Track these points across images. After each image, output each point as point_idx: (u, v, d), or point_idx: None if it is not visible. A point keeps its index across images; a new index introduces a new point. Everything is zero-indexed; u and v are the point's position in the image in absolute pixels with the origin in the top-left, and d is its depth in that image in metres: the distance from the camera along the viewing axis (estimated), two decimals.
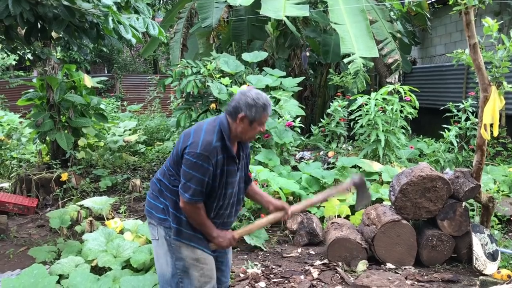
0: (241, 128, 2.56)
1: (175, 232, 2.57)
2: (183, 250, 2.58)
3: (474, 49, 3.90)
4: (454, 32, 10.64)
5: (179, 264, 2.59)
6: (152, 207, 2.68)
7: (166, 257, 2.62)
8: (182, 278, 2.59)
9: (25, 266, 4.20)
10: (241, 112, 2.52)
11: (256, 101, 2.53)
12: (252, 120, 2.54)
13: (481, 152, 4.21)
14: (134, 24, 4.60)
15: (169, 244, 2.60)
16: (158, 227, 2.63)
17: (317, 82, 10.19)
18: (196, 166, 2.44)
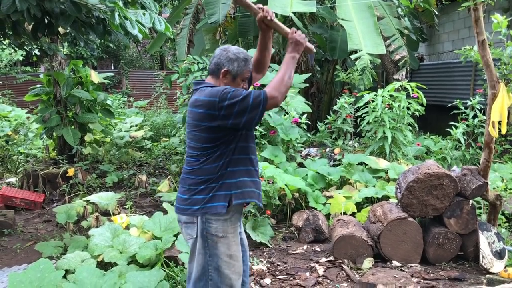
0: (224, 84, 2.57)
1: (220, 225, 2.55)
2: (219, 246, 2.59)
3: (483, 45, 3.87)
4: (462, 29, 10.56)
5: (212, 261, 2.59)
6: (190, 203, 2.60)
7: (199, 255, 2.62)
8: (212, 275, 2.60)
9: (31, 260, 4.23)
10: (224, 67, 2.55)
11: (237, 55, 2.57)
12: (235, 74, 2.57)
13: (489, 150, 4.17)
14: (141, 20, 4.59)
15: (205, 239, 2.58)
16: (198, 223, 2.59)
17: (323, 78, 10.15)
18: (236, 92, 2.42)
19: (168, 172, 7.64)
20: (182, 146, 8.79)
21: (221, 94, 2.41)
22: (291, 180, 5.28)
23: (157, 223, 4.26)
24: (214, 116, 2.46)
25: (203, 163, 2.57)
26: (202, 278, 2.62)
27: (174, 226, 4.19)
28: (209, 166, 2.56)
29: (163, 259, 3.89)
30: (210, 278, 2.60)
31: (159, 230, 4.18)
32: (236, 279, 2.65)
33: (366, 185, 5.70)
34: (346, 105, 7.17)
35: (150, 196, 6.64)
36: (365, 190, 5.43)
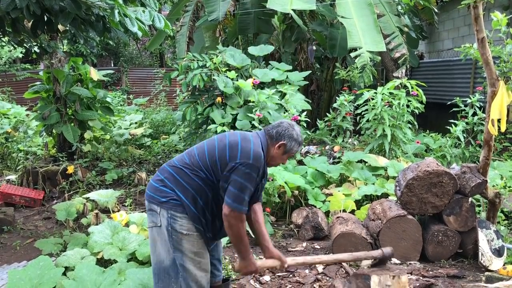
0: (274, 153, 2.76)
1: (190, 219, 2.60)
2: (184, 243, 2.61)
3: (483, 43, 3.87)
4: (462, 27, 10.55)
5: (178, 256, 2.61)
6: (159, 194, 2.66)
7: (166, 245, 2.63)
8: (179, 270, 2.63)
9: (31, 258, 4.24)
10: (283, 140, 2.74)
11: (298, 138, 2.78)
12: (286, 151, 2.77)
13: (488, 148, 4.18)
14: (140, 17, 4.59)
15: (170, 235, 2.61)
16: (161, 216, 2.62)
17: (323, 76, 10.14)
18: (249, 177, 2.55)
19: None
20: (182, 143, 8.80)
21: (245, 161, 2.55)
22: (290, 178, 5.29)
23: None
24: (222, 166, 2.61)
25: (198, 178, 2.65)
26: (173, 268, 2.64)
27: None
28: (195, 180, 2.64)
29: None
30: (179, 272, 2.64)
31: None
32: (202, 276, 2.68)
33: (365, 182, 5.71)
34: (345, 102, 7.17)
35: None
36: (364, 188, 5.44)
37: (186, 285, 2.63)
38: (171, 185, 2.65)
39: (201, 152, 2.71)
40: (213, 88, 6.85)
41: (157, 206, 2.65)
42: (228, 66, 6.87)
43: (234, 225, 2.57)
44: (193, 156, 2.70)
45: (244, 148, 2.59)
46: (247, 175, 2.54)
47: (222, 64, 6.78)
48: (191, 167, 2.66)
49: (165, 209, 2.61)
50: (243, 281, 3.85)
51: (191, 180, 2.64)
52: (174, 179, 2.67)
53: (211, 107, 6.62)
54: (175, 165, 2.72)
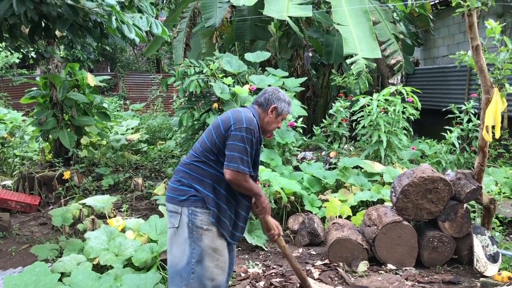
0: (268, 118, 2.92)
1: (210, 214, 2.69)
2: (204, 238, 2.68)
3: (477, 51, 3.91)
4: (457, 34, 10.63)
5: (196, 253, 2.67)
6: (179, 193, 2.75)
7: (184, 245, 2.69)
8: (194, 268, 2.67)
9: (27, 263, 4.23)
10: (273, 103, 2.90)
11: (285, 98, 2.95)
12: (279, 113, 2.93)
13: (483, 154, 4.21)
14: (138, 23, 4.61)
15: (190, 231, 2.68)
16: (181, 214, 2.71)
17: (319, 82, 10.19)
18: (246, 139, 2.67)
19: (164, 175, 7.65)
20: (178, 149, 8.80)
21: (239, 126, 2.70)
22: (286, 184, 5.30)
23: (153, 226, 4.27)
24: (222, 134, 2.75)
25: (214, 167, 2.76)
26: (185, 269, 2.68)
27: None
28: (208, 170, 2.75)
29: (159, 262, 3.90)
30: (193, 271, 2.67)
31: (155, 233, 4.19)
32: (219, 274, 2.73)
33: (361, 188, 5.73)
34: (341, 109, 7.20)
35: (146, 199, 6.64)
36: (360, 194, 5.46)
37: (200, 284, 2.67)
38: (188, 182, 2.75)
39: (200, 140, 2.86)
40: (209, 94, 6.87)
41: (177, 205, 2.74)
42: (225, 72, 6.89)
43: (240, 185, 2.69)
44: (197, 148, 2.83)
45: (236, 116, 2.75)
46: (243, 138, 2.67)
47: (218, 70, 6.80)
48: (199, 158, 2.78)
49: (186, 207, 2.70)
50: (240, 287, 3.85)
51: (204, 171, 2.75)
52: (189, 175, 2.77)
53: (207, 113, 6.63)
54: (186, 163, 2.83)
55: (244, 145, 2.66)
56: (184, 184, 2.76)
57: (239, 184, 2.68)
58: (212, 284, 2.70)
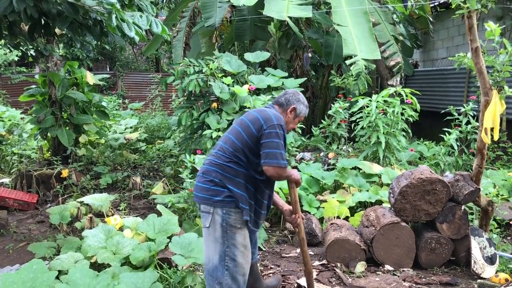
0: (287, 118, 3.08)
1: (242, 213, 2.83)
2: (237, 236, 2.84)
3: (476, 53, 3.91)
4: (456, 36, 10.65)
5: (230, 251, 2.82)
6: (211, 193, 2.85)
7: (215, 244, 2.83)
8: (228, 265, 2.83)
9: (24, 261, 4.22)
10: (293, 104, 3.07)
11: (304, 101, 3.14)
12: (297, 114, 3.10)
13: (481, 156, 4.22)
14: (138, 22, 4.60)
15: (224, 230, 2.82)
16: (214, 214, 2.83)
17: (318, 83, 10.19)
18: (278, 135, 2.82)
19: (163, 174, 7.64)
20: (177, 148, 8.80)
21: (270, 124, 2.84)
22: (284, 184, 5.30)
23: (151, 225, 4.26)
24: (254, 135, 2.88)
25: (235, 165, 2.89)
26: (218, 267, 2.83)
27: (168, 228, 4.19)
28: (240, 170, 2.88)
29: (157, 261, 3.90)
30: (227, 268, 2.82)
31: (153, 232, 4.18)
32: (247, 268, 2.92)
33: (359, 189, 5.73)
34: (340, 110, 7.20)
35: (144, 198, 6.63)
36: (358, 195, 5.46)
37: (232, 279, 2.83)
38: (221, 182, 2.84)
39: (228, 141, 2.94)
40: (209, 93, 6.87)
41: (209, 206, 2.85)
42: (224, 72, 6.90)
43: (281, 178, 2.88)
44: (226, 149, 2.92)
45: (264, 115, 2.88)
46: (277, 134, 2.81)
47: (218, 70, 6.80)
48: (231, 158, 2.88)
49: (220, 207, 2.82)
50: None
51: (236, 171, 2.86)
52: (222, 176, 2.86)
53: (206, 112, 6.63)
54: (217, 163, 2.90)
55: (279, 140, 2.81)
56: (218, 184, 2.85)
57: (280, 177, 2.86)
58: (243, 279, 2.89)
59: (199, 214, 5.03)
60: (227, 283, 2.82)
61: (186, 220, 5.05)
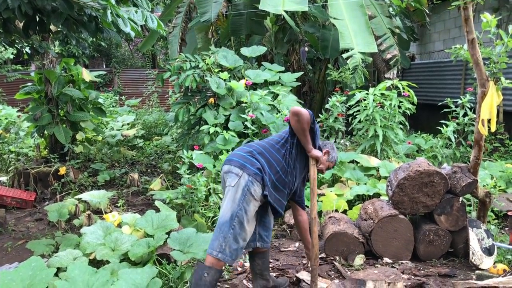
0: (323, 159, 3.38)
1: (265, 188, 3.13)
2: (251, 205, 3.12)
3: (472, 44, 3.91)
4: (452, 28, 10.64)
5: (241, 214, 3.09)
6: (246, 161, 3.17)
7: (233, 203, 3.11)
8: (235, 225, 3.08)
9: (23, 259, 4.21)
10: (327, 148, 3.46)
11: (336, 151, 3.55)
12: (329, 159, 3.45)
13: (479, 148, 4.22)
14: (133, 17, 4.58)
15: (243, 194, 3.10)
16: (241, 177, 3.12)
17: (315, 77, 10.18)
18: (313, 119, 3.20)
19: (160, 170, 7.64)
20: (174, 144, 8.79)
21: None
22: None
23: (149, 221, 4.26)
24: None
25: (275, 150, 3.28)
26: (226, 223, 3.09)
27: (166, 224, 4.19)
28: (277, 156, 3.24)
29: (155, 256, 3.90)
30: (233, 227, 3.08)
31: (151, 228, 4.18)
32: (249, 236, 3.19)
33: (357, 182, 5.74)
34: (337, 103, 7.20)
35: (142, 194, 6.63)
36: (356, 188, 5.47)
37: (234, 240, 3.09)
38: (259, 157, 3.20)
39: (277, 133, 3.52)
40: (205, 89, 6.86)
41: (241, 170, 3.15)
42: (221, 67, 6.88)
43: (301, 118, 3.08)
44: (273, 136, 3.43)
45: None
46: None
47: (214, 65, 6.78)
48: (274, 144, 3.30)
49: (248, 174, 3.11)
50: (236, 281, 3.86)
51: (274, 156, 3.23)
52: (261, 152, 3.23)
53: (203, 108, 6.62)
54: (263, 144, 3.33)
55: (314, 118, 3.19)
56: (254, 156, 3.19)
57: (302, 114, 3.06)
58: (242, 244, 3.13)
59: (198, 209, 5.05)
60: (228, 240, 3.07)
61: (185, 216, 5.05)
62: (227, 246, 3.08)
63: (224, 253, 3.08)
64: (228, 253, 3.08)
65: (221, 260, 3.08)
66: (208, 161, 5.68)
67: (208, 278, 3.04)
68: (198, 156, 5.67)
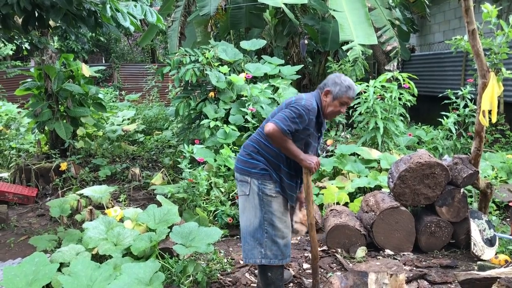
0: (325, 102, 3.12)
1: (276, 184, 3.09)
2: (273, 204, 3.11)
3: (473, 35, 3.89)
4: (452, 19, 10.60)
5: (268, 216, 3.09)
6: (248, 165, 3.13)
7: (255, 210, 3.11)
8: (267, 229, 3.09)
9: (26, 254, 4.22)
10: (327, 87, 3.10)
11: (342, 81, 3.08)
12: (334, 96, 3.08)
13: (480, 139, 4.22)
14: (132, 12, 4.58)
15: (261, 198, 3.09)
16: (251, 184, 3.10)
17: (315, 70, 10.15)
18: (297, 112, 2.95)
19: (161, 165, 7.65)
20: (175, 139, 8.79)
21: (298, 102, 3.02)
22: None
23: (151, 216, 4.26)
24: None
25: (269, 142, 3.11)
26: (258, 230, 3.10)
27: (168, 218, 4.19)
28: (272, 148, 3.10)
29: (158, 251, 3.91)
30: (266, 231, 3.09)
31: (153, 222, 4.19)
32: (287, 232, 3.17)
33: (358, 175, 5.74)
34: None
35: (143, 189, 6.64)
36: (357, 180, 5.47)
37: (272, 242, 3.09)
38: (257, 157, 3.14)
39: (266, 119, 3.17)
40: (205, 83, 6.85)
41: (247, 176, 3.13)
42: (221, 61, 6.86)
43: (276, 139, 2.96)
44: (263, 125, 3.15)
45: (298, 96, 3.10)
46: (296, 110, 2.95)
47: (214, 58, 6.77)
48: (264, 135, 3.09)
49: (256, 178, 3.09)
50: (239, 275, 3.87)
51: (269, 149, 3.11)
52: (257, 151, 3.15)
53: (204, 102, 6.62)
54: (256, 139, 3.19)
55: (292, 114, 2.94)
56: (254, 158, 3.14)
57: (275, 139, 2.94)
58: (283, 242, 3.12)
59: (199, 203, 5.07)
60: (267, 244, 3.08)
61: (186, 210, 5.06)
62: (267, 250, 3.10)
63: (267, 257, 3.11)
64: (272, 255, 3.11)
65: (267, 264, 3.14)
66: (209, 155, 5.69)
67: (273, 276, 3.18)
68: (199, 150, 5.68)
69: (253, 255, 3.14)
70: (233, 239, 4.88)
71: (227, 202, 5.20)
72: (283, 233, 3.13)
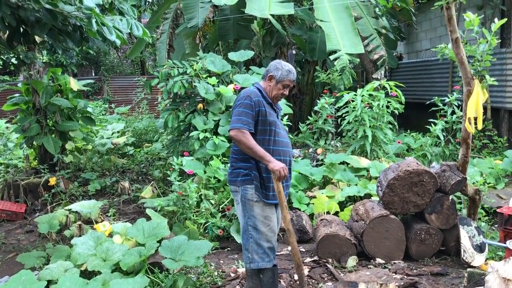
0: (269, 86, 3.34)
1: (255, 188, 3.20)
2: (255, 209, 3.23)
3: (456, 43, 3.94)
4: (439, 27, 10.72)
5: (251, 222, 3.23)
6: (234, 176, 3.30)
7: (241, 217, 3.29)
8: (251, 233, 3.22)
9: (14, 272, 4.15)
10: (270, 72, 3.33)
11: (283, 66, 3.33)
12: (278, 80, 3.31)
13: (466, 146, 4.25)
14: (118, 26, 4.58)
15: (244, 204, 3.25)
16: (239, 192, 3.26)
17: (304, 80, 10.20)
18: (242, 104, 3.16)
19: (151, 178, 7.60)
20: (165, 151, 8.76)
21: (238, 98, 3.25)
22: None
23: (140, 230, 4.23)
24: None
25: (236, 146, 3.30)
26: (244, 236, 3.28)
27: (157, 232, 4.16)
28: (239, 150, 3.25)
29: (147, 265, 3.88)
30: (251, 236, 3.23)
31: (143, 236, 4.15)
32: (272, 236, 3.26)
33: (348, 184, 5.75)
34: (326, 105, 7.22)
35: (133, 202, 6.59)
36: (347, 189, 5.48)
37: (257, 245, 3.21)
38: (236, 164, 3.30)
39: None
40: (194, 94, 6.84)
41: (235, 186, 3.30)
42: (209, 72, 6.87)
43: (238, 140, 3.08)
44: None
45: (240, 94, 3.28)
46: (239, 104, 3.17)
47: (202, 70, 6.78)
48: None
49: (239, 186, 3.26)
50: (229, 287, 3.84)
51: (240, 152, 3.24)
52: (235, 159, 3.32)
53: (192, 113, 6.60)
54: (232, 148, 3.38)
55: (238, 110, 3.14)
56: (234, 167, 3.31)
57: (239, 140, 3.07)
58: (267, 245, 3.23)
59: (189, 216, 5.04)
60: (252, 248, 3.21)
61: (176, 223, 5.03)
62: (254, 254, 3.23)
63: (254, 261, 3.24)
64: (258, 259, 3.23)
65: (256, 268, 3.25)
66: (199, 167, 5.67)
67: (264, 278, 3.30)
68: (188, 162, 5.66)
69: (244, 260, 3.31)
70: (224, 251, 4.85)
71: (218, 214, 5.17)
72: (267, 236, 3.23)
